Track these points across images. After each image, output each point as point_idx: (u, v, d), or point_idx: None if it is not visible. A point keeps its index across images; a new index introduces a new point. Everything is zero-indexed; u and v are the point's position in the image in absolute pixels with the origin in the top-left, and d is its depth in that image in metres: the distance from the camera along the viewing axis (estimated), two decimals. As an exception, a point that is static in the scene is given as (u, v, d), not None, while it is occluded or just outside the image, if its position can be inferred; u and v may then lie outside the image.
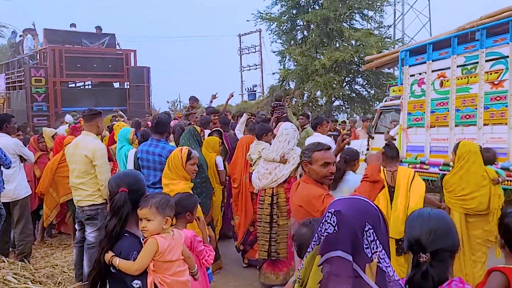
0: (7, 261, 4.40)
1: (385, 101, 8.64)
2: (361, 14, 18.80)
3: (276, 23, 19.07)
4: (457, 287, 1.58)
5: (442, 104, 6.34)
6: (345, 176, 3.68)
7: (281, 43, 19.75)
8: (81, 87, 16.05)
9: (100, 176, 4.34)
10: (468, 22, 6.51)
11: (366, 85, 19.23)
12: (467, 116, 5.95)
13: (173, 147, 4.49)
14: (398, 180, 3.82)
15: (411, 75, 6.91)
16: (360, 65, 16.32)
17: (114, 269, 2.16)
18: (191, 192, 3.32)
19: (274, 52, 19.91)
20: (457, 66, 6.02)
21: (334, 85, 17.13)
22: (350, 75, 18.81)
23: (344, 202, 1.46)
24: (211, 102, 8.79)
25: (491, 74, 5.59)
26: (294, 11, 18.73)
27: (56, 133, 7.15)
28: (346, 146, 3.75)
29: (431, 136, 6.47)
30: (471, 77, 5.86)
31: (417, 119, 6.84)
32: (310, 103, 18.42)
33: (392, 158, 3.92)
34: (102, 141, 5.77)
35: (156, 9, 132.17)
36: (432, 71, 6.46)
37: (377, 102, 17.51)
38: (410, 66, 6.90)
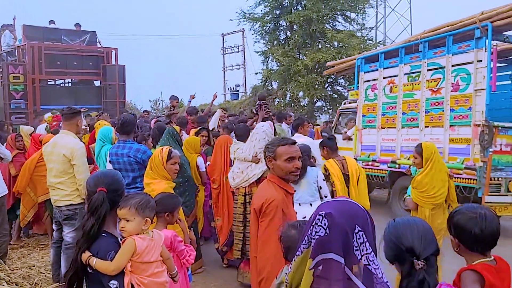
0: (-18, 262, 4.31)
1: (344, 103, 9.33)
2: (343, 16, 18.98)
3: (259, 23, 19.11)
4: None
5: (391, 107, 7.05)
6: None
7: (264, 43, 19.81)
8: (61, 85, 15.76)
9: (78, 176, 4.27)
10: (414, 35, 7.38)
11: (348, 86, 19.42)
12: (412, 119, 6.66)
13: (140, 145, 4.49)
14: (350, 168, 4.29)
15: (365, 81, 7.61)
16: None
17: (91, 269, 2.14)
18: (173, 192, 3.31)
19: (257, 52, 19.95)
20: (404, 74, 6.71)
21: (316, 86, 17.26)
22: (332, 76, 18.99)
23: (333, 205, 1.46)
24: (190, 102, 8.77)
25: (431, 82, 6.26)
26: (278, 12, 18.80)
27: (33, 131, 7.02)
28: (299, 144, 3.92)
29: (382, 136, 7.24)
30: (415, 84, 6.54)
31: (370, 121, 7.55)
32: (292, 104, 18.51)
33: (335, 149, 4.51)
34: (82, 140, 5.70)
35: (139, 7, 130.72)
36: (383, 77, 7.16)
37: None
38: (365, 72, 7.61)
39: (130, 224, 2.23)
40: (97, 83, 14.81)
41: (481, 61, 5.67)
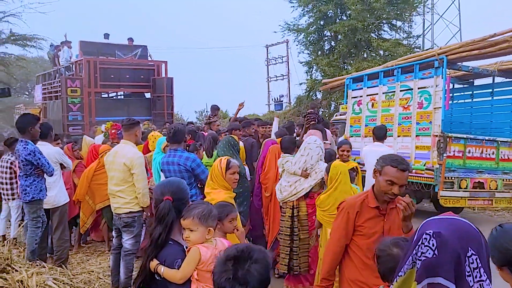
0: (47, 267, 4.52)
1: (336, 115, 10.80)
2: (389, 24, 18.63)
3: (303, 34, 19.13)
4: None
5: (372, 120, 8.36)
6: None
7: (308, 53, 19.78)
8: (114, 97, 16.48)
9: (137, 184, 4.43)
10: (392, 62, 9.43)
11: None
12: (388, 130, 7.48)
13: (190, 154, 4.57)
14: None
15: (353, 97, 8.95)
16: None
17: (159, 276, 2.18)
18: (233, 202, 3.32)
19: (301, 63, 19.96)
20: (383, 93, 8.05)
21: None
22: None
23: (443, 223, 1.33)
24: (238, 110, 8.90)
25: (402, 100, 7.64)
26: (322, 22, 18.75)
27: (94, 142, 7.36)
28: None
29: (365, 143, 8.04)
30: (391, 102, 7.93)
31: (356, 131, 8.88)
32: (336, 114, 18.29)
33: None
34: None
35: (186, 22, 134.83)
36: (367, 95, 8.52)
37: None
38: (352, 90, 8.98)
39: (194, 234, 2.26)
40: (147, 95, 15.36)
41: (438, 85, 6.93)
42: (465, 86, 9.15)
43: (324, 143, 6.98)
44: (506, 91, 8.21)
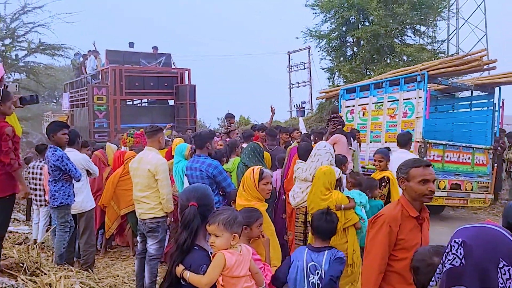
0: (74, 270, 4.63)
1: None
2: (413, 30, 18.37)
3: (325, 40, 19.06)
4: None
5: (363, 127, 9.15)
6: None
7: (330, 59, 19.67)
8: (138, 105, 16.78)
9: (161, 190, 4.49)
10: (381, 75, 10.56)
11: None
12: (376, 136, 8.84)
13: (212, 160, 4.58)
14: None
15: (346, 106, 9.78)
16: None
17: (185, 281, 2.20)
18: (265, 213, 3.27)
19: (323, 69, 19.84)
20: (372, 103, 8.86)
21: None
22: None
23: (473, 232, 1.31)
24: (272, 116, 9.12)
25: (390, 110, 8.47)
26: (344, 28, 18.64)
27: (117, 149, 7.51)
28: None
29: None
30: (379, 111, 8.76)
31: None
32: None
33: None
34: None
35: (208, 29, 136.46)
36: (359, 104, 9.37)
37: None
38: (346, 100, 9.85)
39: (219, 240, 2.28)
40: (171, 102, 15.58)
41: (420, 97, 7.73)
42: (447, 98, 10.14)
43: (350, 149, 6.96)
44: (482, 103, 9.13)
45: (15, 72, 18.34)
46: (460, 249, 1.26)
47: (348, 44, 19.30)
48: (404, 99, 8.11)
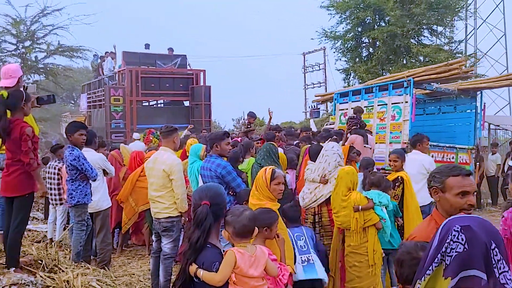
0: (91, 268, 4.71)
1: (325, 125, 11.90)
2: (430, 30, 18.16)
3: (341, 40, 18.97)
4: None
5: None
6: None
7: (345, 60, 19.58)
8: (154, 106, 16.95)
9: (176, 190, 4.53)
10: (372, 81, 11.18)
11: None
12: None
13: (222, 160, 4.61)
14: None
15: (340, 109, 10.21)
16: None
17: (198, 279, 2.23)
18: (277, 212, 3.29)
19: (338, 70, 19.78)
20: (364, 107, 9.07)
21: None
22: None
23: (463, 219, 1.38)
24: (270, 119, 9.03)
25: (379, 113, 8.91)
26: (359, 29, 18.54)
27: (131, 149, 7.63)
28: None
29: None
30: (370, 114, 9.11)
31: None
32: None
33: None
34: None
35: (222, 30, 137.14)
36: (351, 108, 9.37)
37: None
38: (339, 103, 10.31)
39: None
40: (186, 103, 15.71)
41: (407, 102, 8.19)
42: (434, 102, 10.71)
43: (365, 146, 6.92)
44: (466, 106, 9.72)
45: (35, 74, 18.76)
46: (461, 235, 1.31)
47: (364, 44, 19.18)
48: (392, 103, 8.62)
